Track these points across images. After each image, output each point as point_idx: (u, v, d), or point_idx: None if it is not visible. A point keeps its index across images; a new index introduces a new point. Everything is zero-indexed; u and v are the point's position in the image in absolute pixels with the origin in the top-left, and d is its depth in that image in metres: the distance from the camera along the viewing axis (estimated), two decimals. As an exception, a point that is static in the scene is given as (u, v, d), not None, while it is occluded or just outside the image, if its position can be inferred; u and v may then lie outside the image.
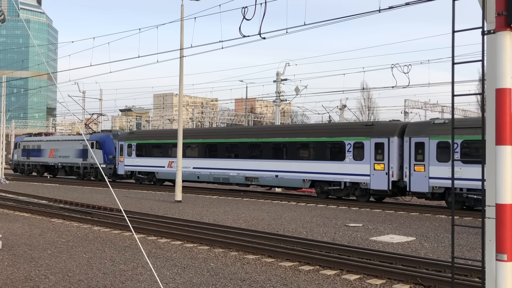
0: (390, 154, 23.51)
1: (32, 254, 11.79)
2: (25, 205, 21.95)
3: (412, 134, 22.99)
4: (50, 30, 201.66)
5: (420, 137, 22.64)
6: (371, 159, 24.06)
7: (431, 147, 22.27)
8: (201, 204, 24.00)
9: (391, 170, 23.39)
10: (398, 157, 23.42)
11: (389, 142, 23.56)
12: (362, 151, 24.46)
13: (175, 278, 9.65)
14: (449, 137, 21.51)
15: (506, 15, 4.50)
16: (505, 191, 4.45)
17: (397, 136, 23.54)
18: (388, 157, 23.54)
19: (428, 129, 22.67)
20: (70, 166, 42.78)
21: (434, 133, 22.37)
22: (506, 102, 4.46)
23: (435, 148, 22.16)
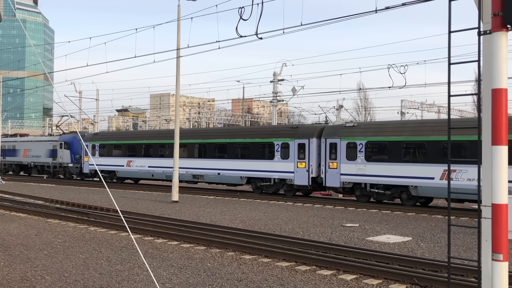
0: (310, 154, 26.18)
1: (28, 255, 11.76)
2: (21, 206, 21.90)
3: (327, 136, 25.61)
4: (46, 30, 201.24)
5: (333, 138, 25.29)
6: (295, 158, 26.74)
7: (342, 147, 24.88)
8: (198, 204, 23.99)
9: (311, 167, 26.06)
10: (317, 156, 26.08)
11: (309, 143, 26.20)
12: (288, 151, 27.07)
13: (172, 278, 9.65)
14: (356, 139, 24.57)
15: (502, 15, 4.51)
16: (501, 191, 4.46)
17: (316, 137, 26.20)
18: (308, 156, 26.21)
19: (340, 131, 25.26)
20: (42, 165, 45.11)
21: (344, 135, 24.99)
22: (502, 102, 4.48)
23: (345, 148, 24.77)
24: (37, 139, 46.59)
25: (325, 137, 25.60)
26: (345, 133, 24.99)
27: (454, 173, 21.35)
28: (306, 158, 26.21)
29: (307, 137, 26.38)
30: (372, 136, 23.98)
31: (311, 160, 26.02)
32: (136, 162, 34.94)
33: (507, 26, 4.55)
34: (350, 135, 24.77)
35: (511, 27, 4.57)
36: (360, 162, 24.02)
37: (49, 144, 44.12)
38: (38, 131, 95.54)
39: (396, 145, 23.13)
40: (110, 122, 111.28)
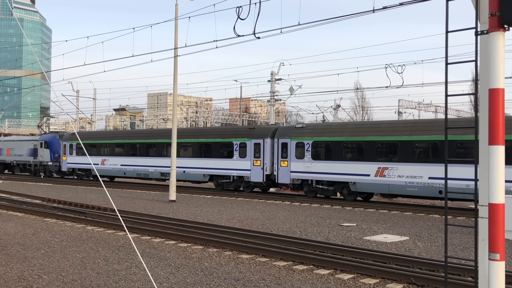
0: (264, 153, 28.20)
1: (26, 254, 11.74)
2: (18, 205, 21.86)
3: (280, 136, 27.56)
4: (43, 29, 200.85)
5: (285, 139, 27.25)
6: (252, 157, 28.79)
7: (292, 147, 26.81)
8: (195, 203, 23.98)
9: (265, 165, 28.10)
10: (271, 155, 28.04)
11: (264, 143, 28.21)
12: (245, 150, 29.09)
13: (169, 278, 9.64)
14: (304, 139, 26.54)
15: (499, 15, 4.52)
16: (498, 190, 4.47)
17: (270, 137, 28.15)
18: (263, 155, 28.22)
19: (291, 132, 27.17)
20: (24, 163, 47.03)
21: (294, 135, 26.97)
22: (499, 102, 4.48)
23: (295, 147, 26.76)
24: (20, 139, 48.51)
25: (277, 137, 27.60)
26: (295, 133, 26.89)
27: (387, 170, 23.43)
28: (261, 157, 28.20)
29: (262, 138, 28.31)
30: (317, 137, 26.00)
31: (265, 159, 28.05)
32: (109, 161, 37.03)
33: (504, 26, 4.56)
34: (299, 136, 26.67)
35: (508, 27, 4.58)
36: (307, 160, 26.20)
37: (30, 143, 45.99)
38: (35, 131, 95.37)
39: (338, 145, 25.20)
40: (107, 121, 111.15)
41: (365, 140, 24.14)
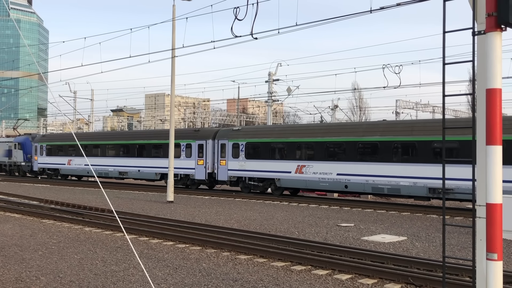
0: (206, 153, 31.25)
1: (23, 255, 11.72)
2: (15, 206, 21.82)
3: (219, 138, 30.64)
4: (41, 30, 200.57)
5: (223, 140, 30.38)
6: (196, 157, 31.75)
7: (229, 147, 29.97)
8: (193, 204, 23.97)
9: (207, 164, 31.11)
10: (212, 155, 31.00)
11: (206, 144, 31.20)
12: (190, 150, 31.97)
13: (167, 279, 9.63)
14: (239, 140, 29.63)
15: (496, 16, 4.53)
16: (496, 190, 4.48)
17: (211, 139, 31.12)
18: (205, 155, 31.25)
19: (228, 134, 30.38)
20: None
21: (231, 137, 30.10)
22: (496, 102, 4.49)
23: (231, 148, 29.87)
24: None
25: (218, 139, 30.70)
26: (232, 135, 30.10)
27: (304, 168, 26.66)
28: (204, 156, 31.28)
29: (205, 139, 31.26)
30: (250, 138, 29.27)
31: (207, 158, 31.13)
32: (75, 161, 40.40)
33: (501, 26, 4.57)
34: (236, 137, 29.90)
35: (505, 27, 4.59)
36: (242, 159, 29.49)
37: (5, 145, 48.99)
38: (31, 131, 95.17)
39: (266, 146, 28.41)
40: (105, 122, 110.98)
41: (287, 141, 27.60)
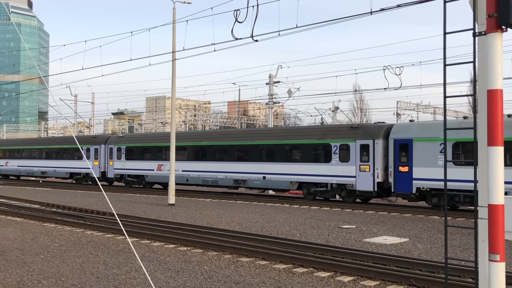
0: (100, 155, 38.51)
1: (25, 259, 11.71)
2: (17, 210, 21.82)
3: (109, 143, 37.99)
4: (41, 34, 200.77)
5: (111, 145, 37.71)
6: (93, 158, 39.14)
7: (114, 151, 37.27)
8: (194, 207, 23.96)
9: (100, 165, 38.45)
10: (104, 157, 38.25)
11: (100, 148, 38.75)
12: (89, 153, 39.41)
13: (169, 282, 9.63)
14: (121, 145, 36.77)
15: (497, 16, 4.52)
16: (497, 191, 4.47)
17: (104, 144, 38.46)
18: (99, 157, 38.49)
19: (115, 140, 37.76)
20: None
21: (117, 142, 37.42)
22: (497, 103, 4.49)
23: (116, 151, 37.17)
24: None
25: (107, 144, 38.11)
26: (117, 141, 37.61)
27: (163, 166, 33.87)
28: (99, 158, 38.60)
29: (99, 144, 38.91)
30: (129, 143, 36.48)
31: (101, 160, 38.28)
32: (10, 163, 47.68)
33: (502, 27, 4.56)
34: (119, 143, 37.22)
35: (506, 28, 4.59)
36: (123, 160, 36.71)
37: None
38: (33, 135, 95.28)
39: (138, 149, 35.79)
40: (106, 126, 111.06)
41: (151, 146, 34.96)
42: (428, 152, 22.53)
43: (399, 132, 23.65)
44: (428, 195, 22.70)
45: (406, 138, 23.23)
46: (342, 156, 25.33)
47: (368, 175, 24.29)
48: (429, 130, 22.81)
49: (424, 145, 22.63)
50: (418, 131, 23.04)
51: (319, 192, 26.51)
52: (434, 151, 22.31)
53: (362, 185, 24.47)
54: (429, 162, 22.44)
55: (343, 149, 25.38)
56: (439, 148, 22.21)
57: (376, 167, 24.10)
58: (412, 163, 22.84)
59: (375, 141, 24.28)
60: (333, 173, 25.58)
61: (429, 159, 22.46)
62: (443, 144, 21.66)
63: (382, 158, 24.11)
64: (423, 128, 23.03)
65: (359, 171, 24.63)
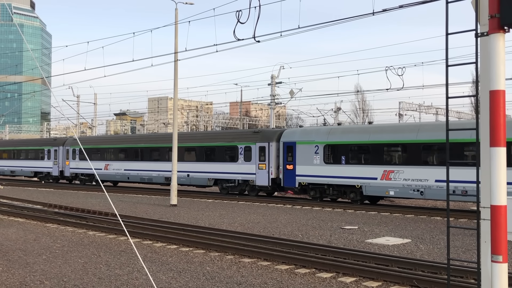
0: (58, 155, 42.68)
1: (27, 260, 11.73)
2: (19, 210, 21.85)
3: (66, 145, 42.20)
4: (44, 35, 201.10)
5: (68, 146, 41.94)
6: (53, 158, 43.15)
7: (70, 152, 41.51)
8: (197, 207, 23.97)
9: (59, 164, 42.59)
10: (62, 157, 42.48)
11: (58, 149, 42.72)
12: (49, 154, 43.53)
13: (171, 282, 9.63)
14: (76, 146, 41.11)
15: (499, 17, 4.52)
16: (500, 192, 4.46)
17: (62, 145, 42.69)
18: (58, 157, 42.72)
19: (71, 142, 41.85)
20: None
21: (72, 144, 41.54)
22: (500, 104, 4.48)
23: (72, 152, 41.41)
24: None
25: (65, 146, 42.30)
26: (72, 143, 41.56)
27: (109, 166, 38.00)
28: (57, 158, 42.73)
29: (58, 146, 42.86)
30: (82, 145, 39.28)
31: (59, 160, 42.75)
32: None
33: (504, 28, 4.56)
34: (74, 144, 41.25)
35: (508, 28, 4.58)
36: (77, 160, 40.74)
37: None
38: (36, 136, 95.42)
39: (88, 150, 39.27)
40: (108, 126, 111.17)
41: (100, 148, 38.99)
42: (306, 153, 26.43)
43: (287, 136, 27.60)
44: (308, 189, 26.65)
45: (291, 141, 27.20)
46: (246, 157, 29.45)
47: (264, 172, 28.41)
48: (308, 134, 26.71)
49: (304, 147, 26.56)
50: (300, 135, 27.03)
51: (229, 187, 30.61)
52: (311, 152, 26.24)
53: (260, 181, 28.67)
54: (307, 161, 26.36)
55: (247, 150, 29.46)
56: (314, 149, 26.13)
57: (270, 165, 28.19)
58: (296, 162, 26.87)
59: (270, 144, 28.30)
60: (240, 171, 29.70)
61: (307, 159, 26.36)
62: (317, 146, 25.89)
63: (275, 158, 28.14)
64: (304, 133, 27.09)
65: (258, 169, 28.73)
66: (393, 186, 23.14)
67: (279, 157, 27.83)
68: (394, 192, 23.08)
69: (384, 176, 23.44)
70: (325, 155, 25.75)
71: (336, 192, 25.57)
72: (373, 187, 23.76)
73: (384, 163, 23.57)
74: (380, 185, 23.52)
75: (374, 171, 23.78)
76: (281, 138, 27.75)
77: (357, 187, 24.36)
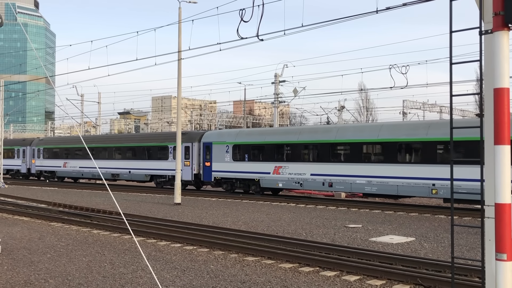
0: (26, 154, 47.36)
1: (32, 258, 11.77)
2: (24, 209, 21.92)
3: (33, 145, 46.49)
4: (47, 34, 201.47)
5: (34, 146, 46.38)
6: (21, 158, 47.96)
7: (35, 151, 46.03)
8: (201, 206, 23.99)
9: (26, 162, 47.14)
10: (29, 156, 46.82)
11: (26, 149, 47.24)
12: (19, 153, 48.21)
13: (175, 281, 9.65)
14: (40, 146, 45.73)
15: (503, 15, 4.51)
16: (504, 190, 4.45)
17: (29, 145, 47.28)
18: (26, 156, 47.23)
19: (37, 143, 46.51)
20: None
21: (38, 144, 46.10)
22: (504, 101, 4.47)
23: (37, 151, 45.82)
24: None
25: (32, 146, 46.52)
26: (38, 143, 45.90)
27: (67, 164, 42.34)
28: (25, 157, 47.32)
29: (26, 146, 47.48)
30: (45, 145, 45.16)
31: (27, 158, 47.20)
32: None
33: (508, 26, 4.54)
34: (40, 144, 45.58)
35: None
36: (41, 159, 45.07)
37: None
38: (40, 135, 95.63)
39: (49, 150, 44.13)
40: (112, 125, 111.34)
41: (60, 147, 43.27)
42: (220, 152, 30.78)
43: (206, 137, 31.97)
44: (221, 183, 30.88)
45: (209, 141, 31.53)
46: (175, 155, 33.24)
47: (188, 169, 32.66)
48: (222, 136, 31.27)
49: (218, 147, 30.91)
50: (216, 136, 31.52)
51: (162, 182, 34.96)
52: (223, 151, 30.63)
53: (185, 176, 32.42)
54: (221, 159, 30.66)
55: (175, 149, 31.86)
56: (225, 149, 30.55)
57: (193, 163, 32.50)
58: (212, 160, 31.17)
59: (193, 144, 32.60)
60: (170, 167, 33.85)
61: (221, 157, 30.69)
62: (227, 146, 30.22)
63: (197, 156, 32.39)
64: (219, 135, 31.68)
65: (184, 166, 32.51)
66: (281, 179, 27.53)
67: (200, 155, 32.22)
68: (282, 184, 27.54)
69: (275, 171, 27.92)
70: (234, 154, 30.17)
71: (242, 185, 29.73)
72: (267, 180, 28.21)
73: (275, 160, 27.97)
74: (272, 178, 27.98)
75: (268, 167, 28.27)
76: (202, 139, 32.10)
77: (256, 180, 28.71)
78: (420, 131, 22.94)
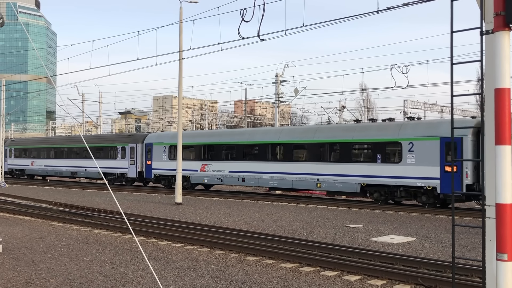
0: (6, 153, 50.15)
1: (33, 258, 11.78)
2: (25, 209, 21.94)
3: (6, 146, 49.39)
4: (49, 33, 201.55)
5: (7, 146, 49.50)
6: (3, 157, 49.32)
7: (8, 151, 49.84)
8: (201, 206, 24.00)
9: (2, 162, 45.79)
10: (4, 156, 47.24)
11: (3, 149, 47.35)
12: None
13: (176, 281, 9.65)
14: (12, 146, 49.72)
15: (504, 15, 4.50)
16: (505, 190, 4.45)
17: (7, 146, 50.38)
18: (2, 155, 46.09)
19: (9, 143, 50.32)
20: None
21: (11, 145, 49.80)
22: (505, 102, 4.47)
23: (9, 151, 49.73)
24: None
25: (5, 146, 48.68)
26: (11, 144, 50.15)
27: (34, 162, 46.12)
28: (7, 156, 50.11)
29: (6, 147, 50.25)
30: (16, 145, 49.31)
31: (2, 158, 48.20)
32: None
33: (509, 26, 4.54)
34: (12, 145, 49.66)
35: (514, 26, 4.56)
36: (13, 158, 49.26)
37: None
38: (41, 134, 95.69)
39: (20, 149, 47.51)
40: (113, 125, 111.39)
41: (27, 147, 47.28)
42: (159, 152, 34.65)
43: (148, 139, 35.91)
44: (160, 179, 34.82)
45: (150, 142, 35.43)
46: (122, 155, 37.72)
47: (134, 167, 36.66)
48: (161, 138, 35.23)
49: (157, 147, 34.79)
50: (156, 138, 35.52)
51: (112, 179, 38.56)
52: (161, 151, 34.46)
53: (131, 174, 36.95)
54: (159, 158, 34.54)
55: (123, 150, 37.83)
56: (163, 149, 34.32)
57: (137, 161, 36.44)
58: (152, 159, 35.07)
59: (137, 145, 36.53)
60: (118, 166, 38.04)
61: (159, 156, 34.50)
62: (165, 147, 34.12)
63: (141, 156, 36.31)
64: (159, 136, 35.70)
65: (129, 164, 36.85)
66: (206, 176, 31.32)
67: (143, 155, 36.04)
68: (207, 180, 31.36)
69: (202, 168, 31.76)
70: (170, 154, 33.82)
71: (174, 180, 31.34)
72: (196, 176, 32.00)
73: (202, 159, 31.87)
74: (199, 175, 31.84)
75: (196, 165, 32.09)
76: (145, 140, 35.97)
77: (187, 177, 32.14)
78: (309, 134, 26.81)
